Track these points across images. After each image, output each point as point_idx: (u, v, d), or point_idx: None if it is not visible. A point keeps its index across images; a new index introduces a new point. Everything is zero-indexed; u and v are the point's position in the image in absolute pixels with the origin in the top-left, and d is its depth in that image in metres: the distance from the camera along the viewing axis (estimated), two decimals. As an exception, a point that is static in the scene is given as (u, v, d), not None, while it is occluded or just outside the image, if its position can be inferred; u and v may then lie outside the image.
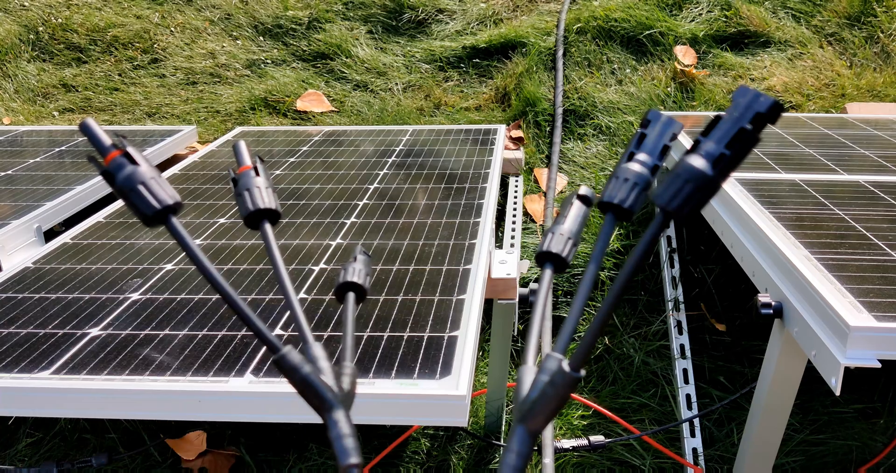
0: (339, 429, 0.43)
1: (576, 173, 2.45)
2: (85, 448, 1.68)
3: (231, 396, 0.97)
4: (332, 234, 1.54)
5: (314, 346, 0.49)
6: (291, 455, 1.61)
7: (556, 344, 0.45)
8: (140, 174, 0.50)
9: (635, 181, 0.47)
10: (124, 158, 0.51)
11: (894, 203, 1.54)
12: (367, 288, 0.60)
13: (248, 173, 0.57)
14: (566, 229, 0.54)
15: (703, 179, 0.41)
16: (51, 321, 1.20)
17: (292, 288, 0.51)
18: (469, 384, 0.97)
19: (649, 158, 0.48)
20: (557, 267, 0.53)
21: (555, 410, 0.42)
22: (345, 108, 2.90)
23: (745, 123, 0.40)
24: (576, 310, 0.45)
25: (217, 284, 0.48)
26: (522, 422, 0.42)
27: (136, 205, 0.50)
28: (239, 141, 0.60)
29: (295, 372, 0.46)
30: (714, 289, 1.93)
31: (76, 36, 3.34)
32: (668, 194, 0.41)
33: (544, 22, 3.11)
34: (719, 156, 0.41)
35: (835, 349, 1.03)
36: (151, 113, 2.98)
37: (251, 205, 0.55)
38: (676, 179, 0.41)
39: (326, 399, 0.45)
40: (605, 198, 0.47)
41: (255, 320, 0.48)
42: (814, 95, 2.71)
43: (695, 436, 1.57)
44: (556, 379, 0.42)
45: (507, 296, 1.44)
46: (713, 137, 0.41)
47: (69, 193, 1.88)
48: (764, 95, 0.40)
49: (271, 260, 0.52)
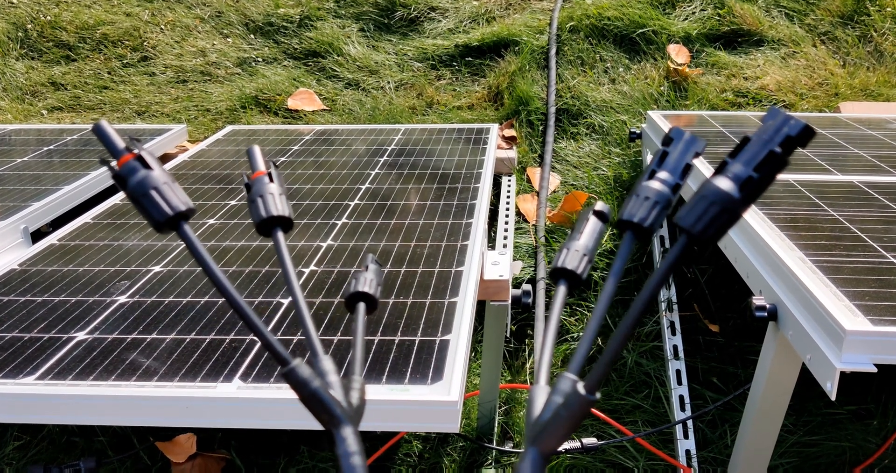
0: (347, 446, 0.42)
1: (569, 173, 2.44)
2: (73, 451, 1.66)
3: (219, 402, 0.96)
4: (324, 235, 1.52)
5: (324, 359, 0.48)
6: (282, 458, 1.60)
7: (571, 364, 0.44)
8: (153, 179, 0.49)
9: (656, 200, 0.46)
10: (137, 162, 0.50)
11: (888, 204, 1.53)
12: (377, 298, 0.59)
13: (262, 179, 0.56)
14: (581, 244, 0.53)
15: (730, 202, 0.39)
16: (36, 324, 1.18)
17: (303, 298, 0.50)
18: (461, 390, 0.96)
19: (671, 177, 0.46)
20: (572, 284, 0.52)
21: (568, 432, 0.41)
22: (336, 106, 2.88)
23: (775, 146, 0.39)
24: (592, 329, 0.44)
25: (227, 293, 0.47)
26: (534, 444, 0.41)
27: (148, 210, 0.49)
28: (253, 146, 0.59)
29: (304, 387, 0.45)
30: (707, 290, 1.92)
31: (65, 34, 3.31)
32: (693, 216, 0.40)
33: (537, 20, 3.09)
34: (747, 179, 0.39)
35: (830, 353, 1.02)
36: (141, 112, 2.95)
37: (264, 212, 0.54)
38: (702, 200, 0.40)
39: (335, 415, 0.44)
40: (624, 216, 0.46)
41: (265, 331, 0.46)
42: (807, 95, 2.71)
43: (688, 438, 1.57)
44: (570, 401, 0.41)
45: (499, 298, 1.43)
46: (741, 160, 0.40)
47: (57, 193, 1.86)
48: (794, 118, 0.39)
49: (283, 269, 0.51)
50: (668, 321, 1.81)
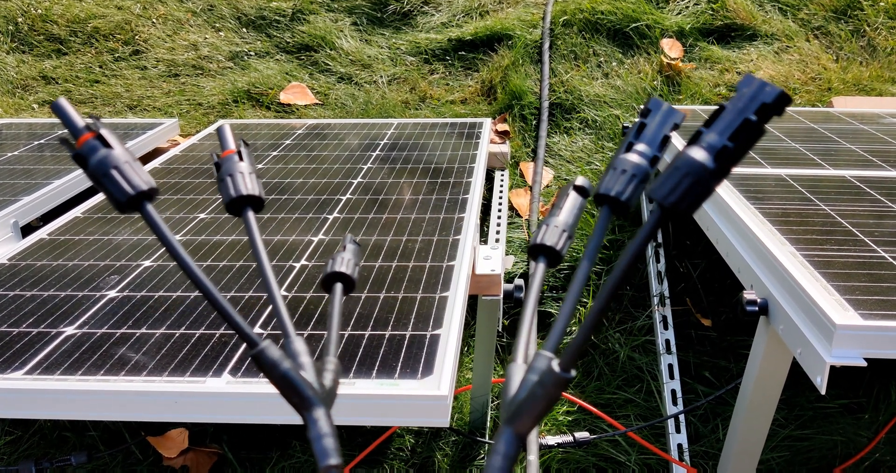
0: (319, 429, 0.41)
1: (562, 167, 2.43)
2: (64, 446, 1.66)
3: (208, 397, 0.95)
4: (315, 229, 1.52)
5: (295, 340, 0.47)
6: (274, 452, 1.60)
7: (546, 342, 0.43)
8: (114, 158, 0.48)
9: (633, 173, 0.45)
10: (97, 141, 0.49)
11: (880, 198, 1.54)
12: (355, 279, 0.58)
13: (232, 158, 0.55)
14: (561, 220, 0.52)
15: (704, 172, 0.38)
16: (25, 319, 1.18)
17: (275, 279, 0.49)
18: (451, 385, 0.95)
19: (649, 149, 0.45)
20: (551, 260, 0.51)
21: (543, 411, 0.40)
22: (329, 100, 2.87)
23: (750, 114, 0.38)
24: (567, 308, 0.43)
25: (194, 276, 0.46)
26: (510, 423, 0.40)
27: (110, 190, 0.48)
28: (224, 124, 0.58)
29: (274, 369, 0.44)
30: (700, 284, 1.93)
31: (56, 27, 3.29)
32: (666, 188, 0.39)
33: (530, 14, 3.09)
34: (722, 148, 0.38)
35: (820, 347, 1.02)
36: (133, 106, 2.94)
37: (233, 191, 0.53)
38: (675, 172, 0.39)
39: (306, 397, 0.43)
40: (601, 190, 0.45)
41: (233, 313, 0.45)
42: (800, 89, 2.71)
43: (680, 432, 1.57)
44: (545, 379, 0.40)
45: (491, 292, 1.43)
46: (715, 129, 0.39)
47: (47, 187, 1.85)
48: (770, 85, 0.38)
49: (253, 249, 0.50)
50: (661, 315, 1.81)
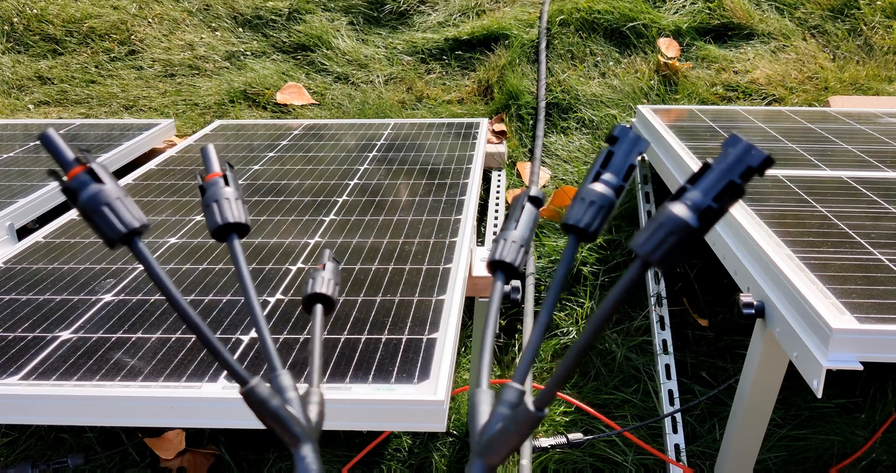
0: (307, 466, 0.42)
1: (559, 167, 2.43)
2: (61, 447, 1.66)
3: (204, 402, 0.95)
4: (311, 232, 1.52)
5: (282, 375, 0.47)
6: (271, 453, 1.59)
7: (515, 374, 0.43)
8: (105, 194, 0.47)
9: (601, 204, 0.46)
10: (88, 176, 0.47)
11: (877, 199, 1.54)
12: (335, 299, 0.58)
13: (217, 182, 0.54)
14: (518, 235, 0.53)
15: (688, 230, 0.39)
16: (20, 323, 1.18)
17: (261, 311, 0.49)
18: (447, 389, 0.95)
19: (615, 178, 0.47)
20: (509, 276, 0.52)
21: (515, 446, 0.40)
22: (325, 101, 2.87)
23: (736, 176, 0.39)
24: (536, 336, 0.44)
25: (185, 313, 0.45)
26: (480, 457, 0.41)
27: (101, 227, 0.47)
28: (207, 145, 0.57)
29: (263, 406, 0.45)
30: (697, 284, 1.93)
31: (52, 27, 3.28)
32: (651, 244, 0.39)
33: (527, 13, 3.08)
34: (706, 208, 0.39)
35: (816, 351, 1.03)
36: (129, 106, 2.93)
37: (219, 218, 0.52)
38: (660, 229, 0.39)
39: (294, 434, 0.44)
40: (570, 221, 0.46)
41: (223, 351, 0.45)
42: (797, 88, 2.71)
43: (677, 432, 1.57)
44: (519, 417, 0.41)
45: (488, 294, 1.43)
46: (700, 188, 0.40)
47: (44, 189, 1.84)
48: (755, 149, 0.39)
49: (239, 278, 0.50)
50: (658, 315, 1.81)
